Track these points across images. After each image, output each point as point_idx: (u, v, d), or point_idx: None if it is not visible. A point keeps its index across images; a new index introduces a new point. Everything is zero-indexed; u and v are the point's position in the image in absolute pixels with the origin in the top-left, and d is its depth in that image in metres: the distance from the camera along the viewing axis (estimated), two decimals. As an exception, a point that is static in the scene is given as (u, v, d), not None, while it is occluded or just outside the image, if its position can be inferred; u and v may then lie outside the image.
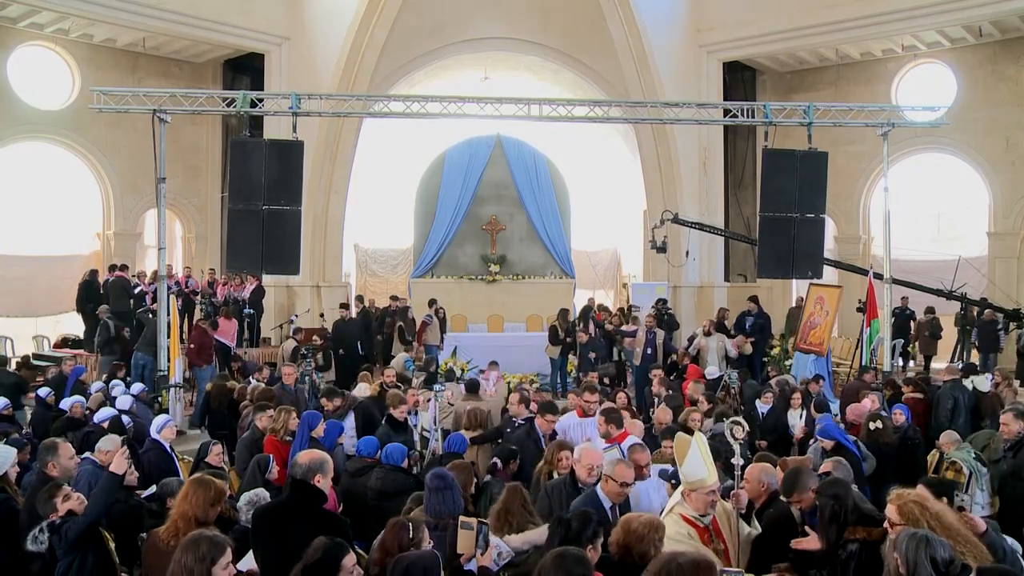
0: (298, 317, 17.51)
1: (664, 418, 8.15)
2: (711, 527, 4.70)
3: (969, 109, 17.68)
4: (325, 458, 4.96)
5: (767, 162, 12.26)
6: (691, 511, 4.69)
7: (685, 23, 19.40)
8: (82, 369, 12.57)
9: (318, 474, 4.80)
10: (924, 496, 4.20)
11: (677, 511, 4.71)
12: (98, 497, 4.68)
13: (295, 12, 18.75)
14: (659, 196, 18.98)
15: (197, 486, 4.78)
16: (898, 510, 4.08)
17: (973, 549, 3.91)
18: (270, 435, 7.60)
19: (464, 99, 12.33)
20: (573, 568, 3.44)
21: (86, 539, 4.57)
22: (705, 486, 4.66)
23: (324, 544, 3.76)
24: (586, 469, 5.58)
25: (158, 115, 11.40)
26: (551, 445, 6.51)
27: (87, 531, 4.57)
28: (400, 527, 4.24)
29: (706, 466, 4.67)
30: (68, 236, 18.85)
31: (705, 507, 4.66)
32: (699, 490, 4.65)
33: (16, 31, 17.08)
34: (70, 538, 4.57)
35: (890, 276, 12.98)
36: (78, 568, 4.52)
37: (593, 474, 5.49)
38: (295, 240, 11.43)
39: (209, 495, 4.74)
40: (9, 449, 5.98)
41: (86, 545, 4.57)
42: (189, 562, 3.53)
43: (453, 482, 4.95)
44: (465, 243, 20.17)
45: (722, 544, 4.69)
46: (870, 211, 19.76)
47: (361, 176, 19.55)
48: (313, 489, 4.75)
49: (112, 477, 4.74)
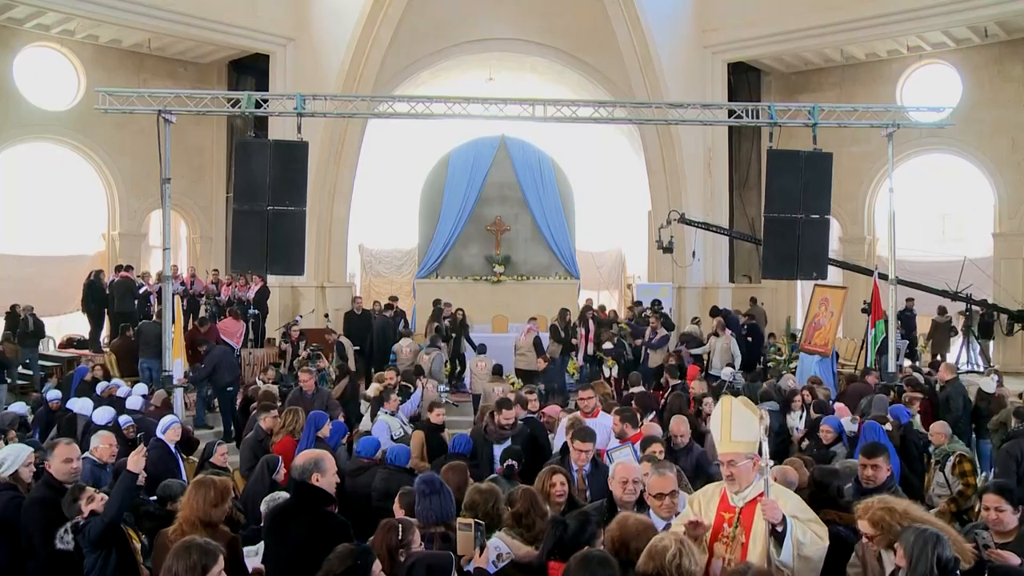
0: (302, 318, 17.52)
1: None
2: (740, 512, 4.21)
3: (974, 110, 17.65)
4: (320, 457, 4.89)
5: (772, 163, 12.25)
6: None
7: (690, 24, 19.39)
8: (85, 369, 12.59)
9: (315, 473, 4.75)
10: (886, 500, 4.17)
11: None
12: (115, 496, 4.69)
13: (300, 13, 18.77)
14: (664, 197, 18.97)
15: (199, 488, 4.78)
16: (869, 522, 4.04)
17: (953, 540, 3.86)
18: (286, 436, 7.62)
19: (469, 100, 12.33)
20: (597, 570, 3.45)
21: (108, 538, 4.59)
22: (719, 452, 4.34)
23: (353, 551, 3.70)
24: (620, 485, 4.96)
25: (163, 116, 11.41)
26: (543, 472, 5.46)
27: (108, 531, 4.57)
28: (389, 528, 4.24)
29: (720, 428, 4.32)
30: (73, 237, 18.91)
31: (726, 478, 4.26)
32: (719, 455, 4.30)
33: (22, 32, 17.14)
34: (91, 538, 4.59)
35: (895, 277, 12.95)
36: (101, 567, 4.55)
37: (629, 489, 4.92)
38: (300, 241, 11.43)
39: (211, 496, 4.74)
40: (20, 448, 5.97)
41: (109, 544, 4.59)
42: (180, 570, 3.45)
43: (442, 487, 4.80)
44: (470, 244, 20.17)
45: (744, 536, 4.18)
46: (875, 212, 19.73)
47: (366, 177, 19.56)
48: (312, 489, 4.73)
49: (129, 476, 4.73)
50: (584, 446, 6.07)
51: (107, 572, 4.55)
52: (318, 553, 4.35)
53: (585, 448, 6.07)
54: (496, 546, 4.25)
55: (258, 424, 8.08)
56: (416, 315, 18.43)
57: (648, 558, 3.65)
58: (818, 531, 4.15)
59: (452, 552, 4.17)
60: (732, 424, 4.26)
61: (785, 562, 4.00)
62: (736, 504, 4.22)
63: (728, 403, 4.36)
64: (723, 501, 4.28)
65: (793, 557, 4.01)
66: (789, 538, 4.00)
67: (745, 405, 4.35)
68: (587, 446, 6.08)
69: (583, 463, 6.08)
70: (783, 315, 20.10)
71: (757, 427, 4.23)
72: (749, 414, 4.28)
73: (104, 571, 4.54)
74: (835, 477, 5.11)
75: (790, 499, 4.30)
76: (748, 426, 4.24)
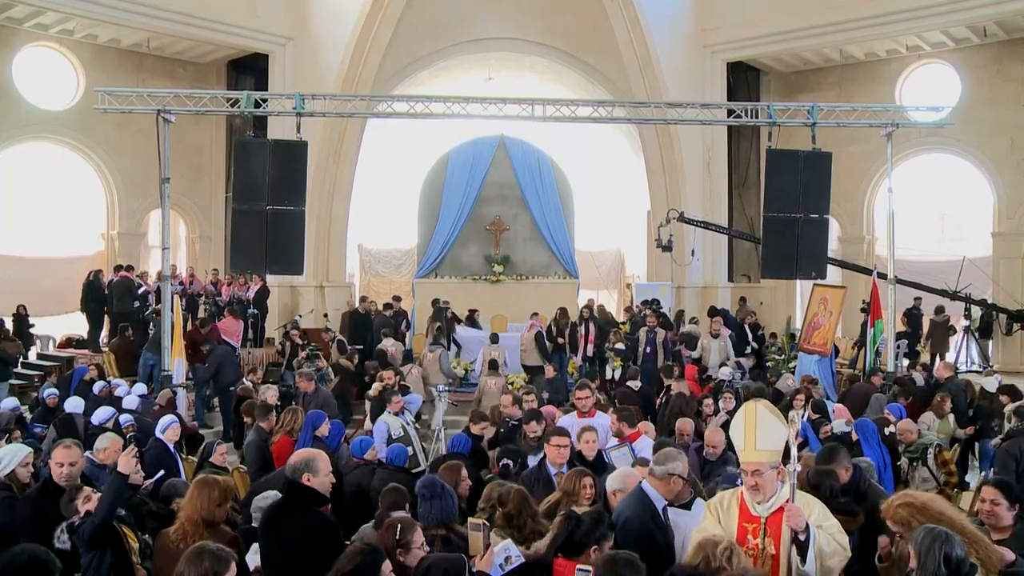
0: (301, 317, 17.52)
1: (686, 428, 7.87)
2: (765, 521, 3.95)
3: (973, 109, 17.65)
4: (312, 457, 4.85)
5: (771, 162, 12.25)
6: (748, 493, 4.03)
7: (689, 24, 19.40)
8: (84, 369, 12.59)
9: (306, 473, 4.72)
10: (906, 496, 4.14)
11: (742, 487, 4.09)
12: (105, 497, 4.67)
13: (299, 13, 18.77)
14: (663, 196, 18.97)
15: (202, 487, 4.78)
16: (892, 520, 4.01)
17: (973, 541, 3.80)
18: (284, 435, 7.63)
19: (468, 99, 12.33)
20: (624, 571, 3.46)
21: (102, 539, 4.58)
22: (741, 461, 4.06)
23: (362, 550, 3.70)
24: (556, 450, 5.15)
25: (162, 115, 11.41)
26: (570, 473, 5.35)
27: (100, 531, 4.57)
28: (388, 528, 4.24)
29: (744, 436, 3.99)
30: (72, 237, 18.91)
31: (749, 488, 3.97)
32: (741, 464, 4.03)
33: (21, 32, 17.13)
34: (85, 538, 4.59)
35: (894, 276, 12.95)
36: (96, 567, 4.55)
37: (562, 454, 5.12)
38: (299, 240, 11.44)
39: (215, 495, 4.75)
40: (18, 448, 5.97)
41: (103, 544, 4.58)
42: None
43: (444, 490, 4.78)
44: (469, 243, 20.16)
45: (774, 547, 3.92)
46: (874, 211, 19.73)
47: (365, 176, 19.57)
48: (303, 489, 4.71)
49: (119, 477, 4.72)
50: (561, 440, 5.92)
51: (101, 572, 4.55)
52: (308, 552, 4.35)
53: (562, 443, 5.91)
54: (506, 548, 4.17)
55: (258, 424, 8.09)
56: (416, 314, 18.43)
57: (698, 549, 3.60)
58: (841, 540, 4.00)
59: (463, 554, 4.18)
60: (757, 431, 3.98)
61: (808, 572, 3.84)
62: (760, 514, 3.96)
63: (752, 409, 4.08)
64: (743, 511, 3.99)
65: (816, 569, 3.84)
66: (812, 547, 3.83)
67: (770, 411, 4.12)
68: (563, 440, 5.94)
69: (562, 460, 5.90)
70: (783, 315, 20.09)
71: (784, 434, 3.99)
72: (775, 420, 4.03)
73: (99, 571, 4.54)
74: (829, 478, 5.08)
75: (815, 506, 4.10)
76: (774, 433, 3.99)
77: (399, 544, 4.15)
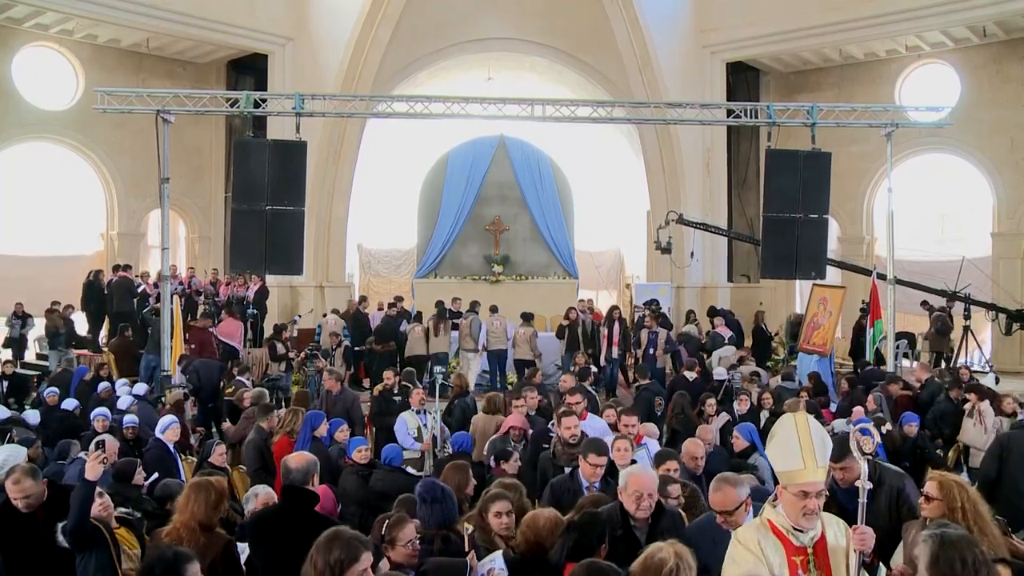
0: (301, 317, 17.52)
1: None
2: (813, 551, 3.44)
3: (973, 109, 17.64)
4: (313, 460, 4.98)
5: (770, 162, 12.26)
6: (783, 519, 3.47)
7: (689, 24, 19.39)
8: (85, 369, 12.60)
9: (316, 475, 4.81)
10: (961, 479, 4.21)
11: (767, 514, 3.55)
12: (73, 506, 4.54)
13: (299, 12, 18.77)
14: (663, 197, 18.97)
15: (197, 491, 4.73)
16: (938, 483, 4.07)
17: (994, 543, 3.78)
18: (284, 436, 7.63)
19: (468, 100, 12.35)
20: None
21: (87, 542, 4.54)
22: (795, 482, 3.42)
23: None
24: (633, 499, 4.48)
25: (162, 115, 11.42)
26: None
27: (77, 538, 4.51)
28: (376, 524, 4.24)
29: (801, 453, 3.43)
30: (72, 236, 18.91)
31: (797, 513, 3.41)
32: (789, 486, 3.43)
33: (21, 32, 17.13)
34: (68, 542, 4.56)
35: (893, 277, 12.96)
36: (83, 569, 4.53)
37: (644, 506, 4.47)
38: (298, 240, 11.46)
39: (211, 499, 4.70)
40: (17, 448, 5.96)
41: (90, 547, 4.55)
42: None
43: (444, 493, 4.71)
44: (468, 244, 20.18)
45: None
46: (874, 212, 19.72)
47: (364, 176, 19.55)
48: (305, 493, 4.73)
49: (86, 484, 4.54)
50: (599, 460, 5.43)
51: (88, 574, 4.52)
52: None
53: (600, 463, 5.44)
54: (492, 560, 4.10)
55: (258, 424, 8.08)
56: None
57: (643, 570, 3.35)
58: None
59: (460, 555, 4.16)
60: (814, 445, 3.46)
61: None
62: (805, 544, 3.46)
63: (804, 421, 3.57)
64: (786, 544, 3.47)
65: None
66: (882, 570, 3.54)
67: (815, 421, 3.69)
68: (602, 460, 5.46)
69: (596, 479, 5.43)
70: (782, 315, 20.09)
71: (796, 452, 3.49)
72: (823, 431, 3.60)
73: (86, 573, 4.52)
74: None
75: (842, 523, 3.68)
76: (828, 446, 3.56)
77: (384, 540, 4.16)
